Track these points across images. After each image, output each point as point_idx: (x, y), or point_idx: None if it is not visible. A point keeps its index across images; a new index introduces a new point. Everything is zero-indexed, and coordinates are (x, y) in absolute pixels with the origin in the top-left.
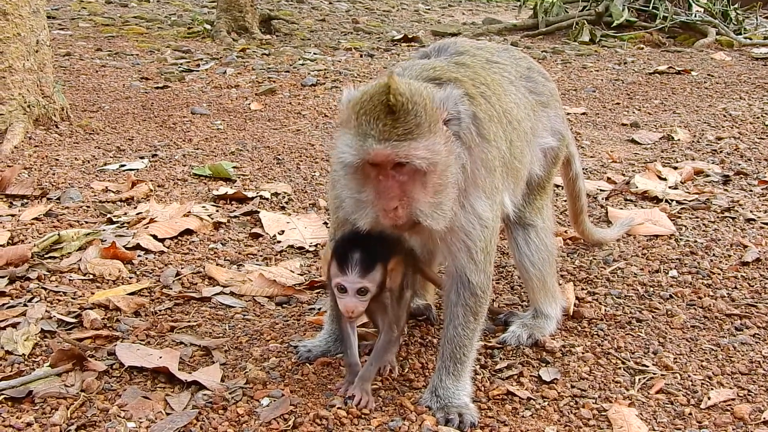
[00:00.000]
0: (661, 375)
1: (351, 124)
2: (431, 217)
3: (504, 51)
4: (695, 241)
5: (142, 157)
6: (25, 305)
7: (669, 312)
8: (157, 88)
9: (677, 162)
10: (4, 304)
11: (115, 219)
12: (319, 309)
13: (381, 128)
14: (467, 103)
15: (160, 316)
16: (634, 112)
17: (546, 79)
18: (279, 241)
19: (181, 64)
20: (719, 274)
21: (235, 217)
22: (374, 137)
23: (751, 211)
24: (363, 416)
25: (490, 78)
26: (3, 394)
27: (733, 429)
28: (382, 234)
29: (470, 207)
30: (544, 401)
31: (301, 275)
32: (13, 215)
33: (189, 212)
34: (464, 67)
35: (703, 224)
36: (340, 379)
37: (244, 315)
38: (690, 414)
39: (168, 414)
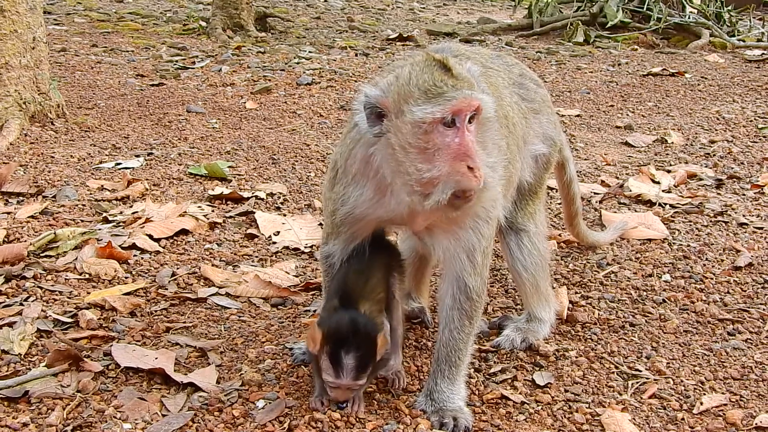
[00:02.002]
0: (654, 380)
1: (412, 98)
2: (493, 179)
3: (497, 57)
4: (688, 246)
5: (137, 156)
6: (21, 304)
7: (662, 316)
8: (153, 85)
9: (671, 165)
10: (0, 303)
11: (110, 218)
12: (315, 311)
13: (452, 82)
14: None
15: (156, 317)
16: (627, 115)
17: (537, 86)
18: (274, 242)
19: (177, 61)
20: (712, 278)
21: (231, 217)
22: (451, 88)
23: (743, 216)
24: (358, 420)
25: (488, 82)
26: None
27: None
28: (362, 319)
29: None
30: (538, 405)
31: (297, 276)
32: (8, 213)
33: (185, 212)
34: None
35: (696, 228)
36: None
37: (240, 316)
38: (683, 419)
39: (164, 415)
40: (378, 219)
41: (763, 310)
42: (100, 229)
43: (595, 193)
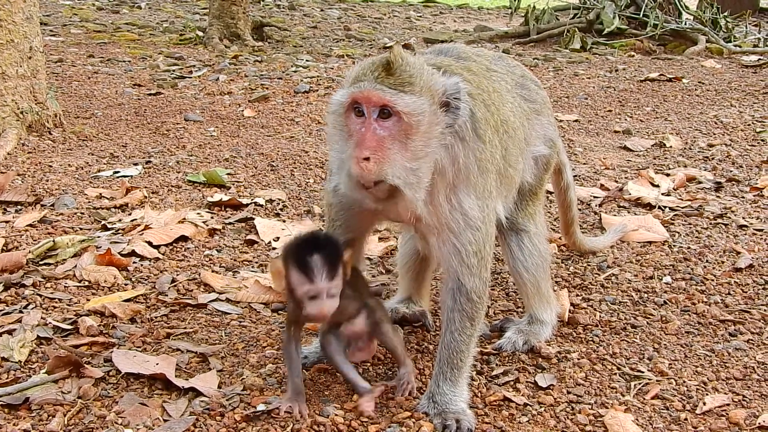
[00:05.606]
0: (657, 381)
1: (346, 83)
2: (404, 180)
3: (499, 59)
4: (688, 248)
5: (135, 164)
6: (20, 312)
7: (663, 318)
8: (150, 94)
9: (669, 169)
10: None
11: (109, 225)
12: None
13: (375, 76)
14: (469, 100)
15: (156, 323)
16: (626, 120)
17: (538, 87)
18: (274, 248)
19: (174, 70)
20: (713, 280)
21: (230, 223)
22: (366, 81)
23: (743, 218)
24: (361, 423)
25: (492, 87)
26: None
27: None
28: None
29: (457, 203)
30: (541, 407)
31: None
32: (6, 222)
33: (184, 219)
34: (468, 72)
35: (696, 231)
36: (337, 385)
37: (240, 321)
38: (686, 419)
39: (165, 420)
40: (370, 212)
41: (764, 310)
42: (99, 237)
43: (594, 197)
